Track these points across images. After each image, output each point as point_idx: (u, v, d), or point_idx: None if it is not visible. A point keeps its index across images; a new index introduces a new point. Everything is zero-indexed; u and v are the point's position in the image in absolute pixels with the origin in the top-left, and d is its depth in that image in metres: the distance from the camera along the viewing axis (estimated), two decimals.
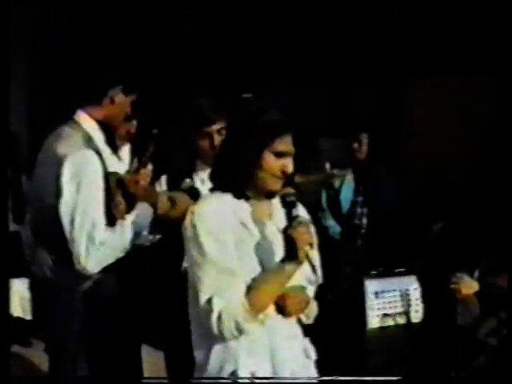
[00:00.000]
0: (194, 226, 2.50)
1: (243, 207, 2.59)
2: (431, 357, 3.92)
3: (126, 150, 3.49)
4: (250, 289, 2.51)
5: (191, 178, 3.59)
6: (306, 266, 2.54)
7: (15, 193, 6.03)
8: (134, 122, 3.45)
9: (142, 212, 3.22)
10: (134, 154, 3.47)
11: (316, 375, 2.72)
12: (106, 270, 3.17)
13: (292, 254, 2.50)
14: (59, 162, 3.10)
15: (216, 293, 2.47)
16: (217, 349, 2.54)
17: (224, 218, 2.53)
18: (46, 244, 3.26)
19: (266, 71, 6.87)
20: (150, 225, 3.29)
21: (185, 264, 2.62)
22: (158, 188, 3.51)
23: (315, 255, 2.59)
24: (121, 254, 3.17)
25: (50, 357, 3.37)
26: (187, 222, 2.53)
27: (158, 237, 3.53)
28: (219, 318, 2.46)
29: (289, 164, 2.59)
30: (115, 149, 3.38)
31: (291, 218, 2.54)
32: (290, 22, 7.00)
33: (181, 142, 3.67)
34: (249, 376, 2.52)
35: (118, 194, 3.19)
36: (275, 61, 6.98)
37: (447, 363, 3.86)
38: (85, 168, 3.09)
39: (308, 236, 2.51)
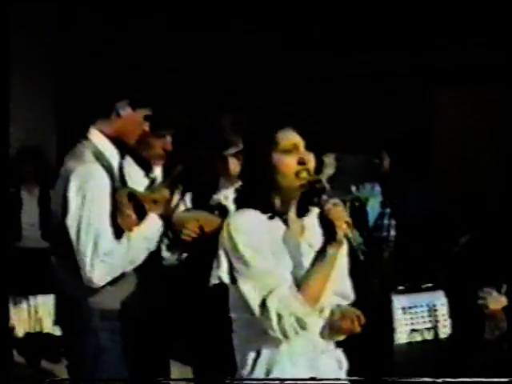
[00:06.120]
0: (231, 238, 2.51)
1: (277, 226, 2.58)
2: (459, 372, 3.90)
3: (158, 171, 3.51)
4: (299, 284, 2.52)
5: (215, 194, 3.60)
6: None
7: (43, 209, 6.04)
8: (169, 138, 3.46)
9: (152, 224, 3.23)
10: (165, 172, 3.49)
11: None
12: (128, 287, 3.20)
13: (331, 236, 2.50)
14: (67, 176, 3.16)
15: (267, 295, 2.46)
16: (264, 355, 2.54)
17: (259, 230, 2.53)
18: (62, 258, 3.29)
19: (285, 87, 6.86)
20: (174, 244, 3.31)
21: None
22: (182, 206, 3.51)
23: (355, 234, 2.56)
24: (129, 267, 3.18)
25: (69, 373, 3.39)
26: (224, 234, 2.53)
27: (184, 255, 3.52)
28: (279, 318, 2.45)
29: (304, 155, 2.55)
30: (147, 169, 3.43)
31: (321, 204, 2.52)
32: (307, 35, 7.01)
33: (204, 160, 3.68)
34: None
35: (129, 208, 3.22)
36: (295, 76, 6.98)
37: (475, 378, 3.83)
38: (90, 181, 3.13)
39: (344, 214, 2.50)
